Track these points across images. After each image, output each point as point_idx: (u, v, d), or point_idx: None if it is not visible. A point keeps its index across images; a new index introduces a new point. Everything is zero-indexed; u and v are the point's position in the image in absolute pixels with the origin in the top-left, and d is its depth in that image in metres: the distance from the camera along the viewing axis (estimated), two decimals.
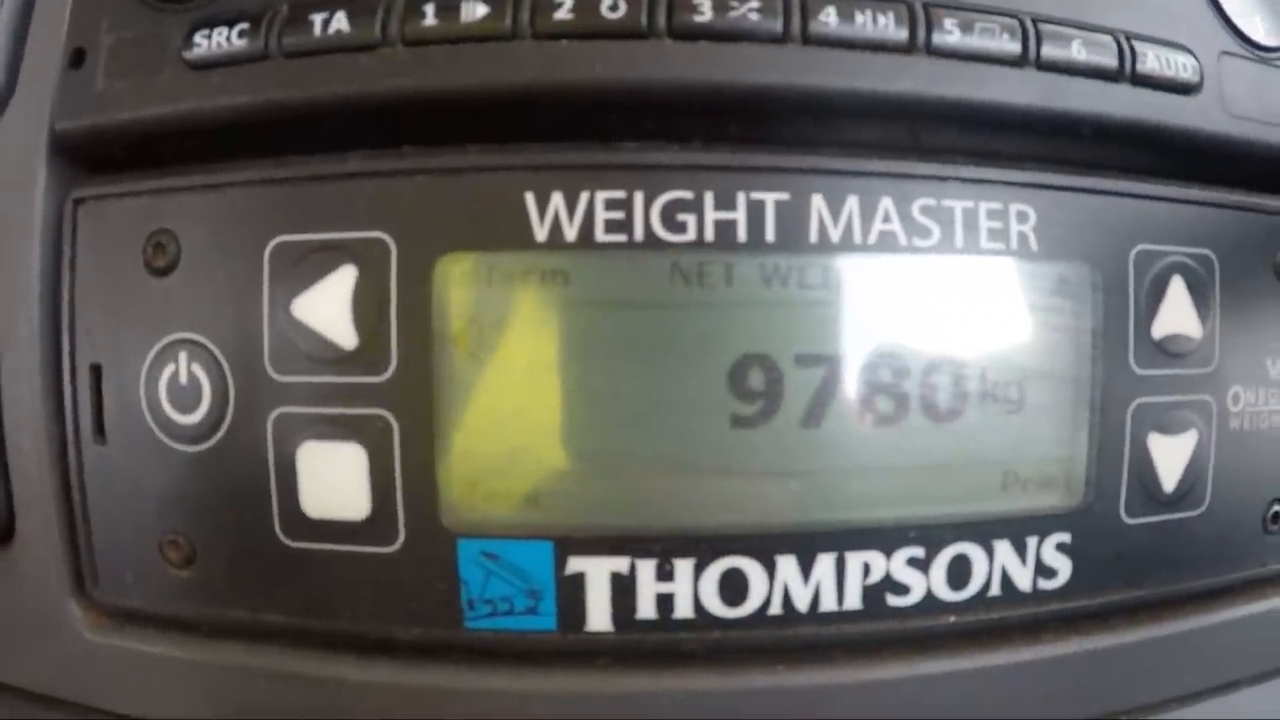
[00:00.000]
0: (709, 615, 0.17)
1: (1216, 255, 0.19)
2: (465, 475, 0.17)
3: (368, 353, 0.17)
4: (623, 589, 0.17)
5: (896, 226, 0.17)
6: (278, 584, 0.18)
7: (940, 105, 0.17)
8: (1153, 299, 0.19)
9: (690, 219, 0.17)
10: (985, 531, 0.18)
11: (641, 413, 0.17)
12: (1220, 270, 0.19)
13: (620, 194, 0.17)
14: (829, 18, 0.17)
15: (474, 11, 0.17)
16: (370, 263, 0.17)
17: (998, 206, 0.17)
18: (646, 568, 0.17)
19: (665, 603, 0.17)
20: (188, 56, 0.18)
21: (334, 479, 0.17)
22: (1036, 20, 0.17)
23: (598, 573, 0.17)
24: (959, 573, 0.18)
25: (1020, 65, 0.17)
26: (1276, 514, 0.20)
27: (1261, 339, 0.20)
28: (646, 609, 0.17)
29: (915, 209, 0.17)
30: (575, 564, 0.17)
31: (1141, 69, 0.18)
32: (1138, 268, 0.18)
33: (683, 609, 0.17)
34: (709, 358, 0.17)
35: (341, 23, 0.17)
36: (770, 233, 0.17)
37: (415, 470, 0.17)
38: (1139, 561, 0.19)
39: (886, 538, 0.17)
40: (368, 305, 0.17)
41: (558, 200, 0.17)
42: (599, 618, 0.17)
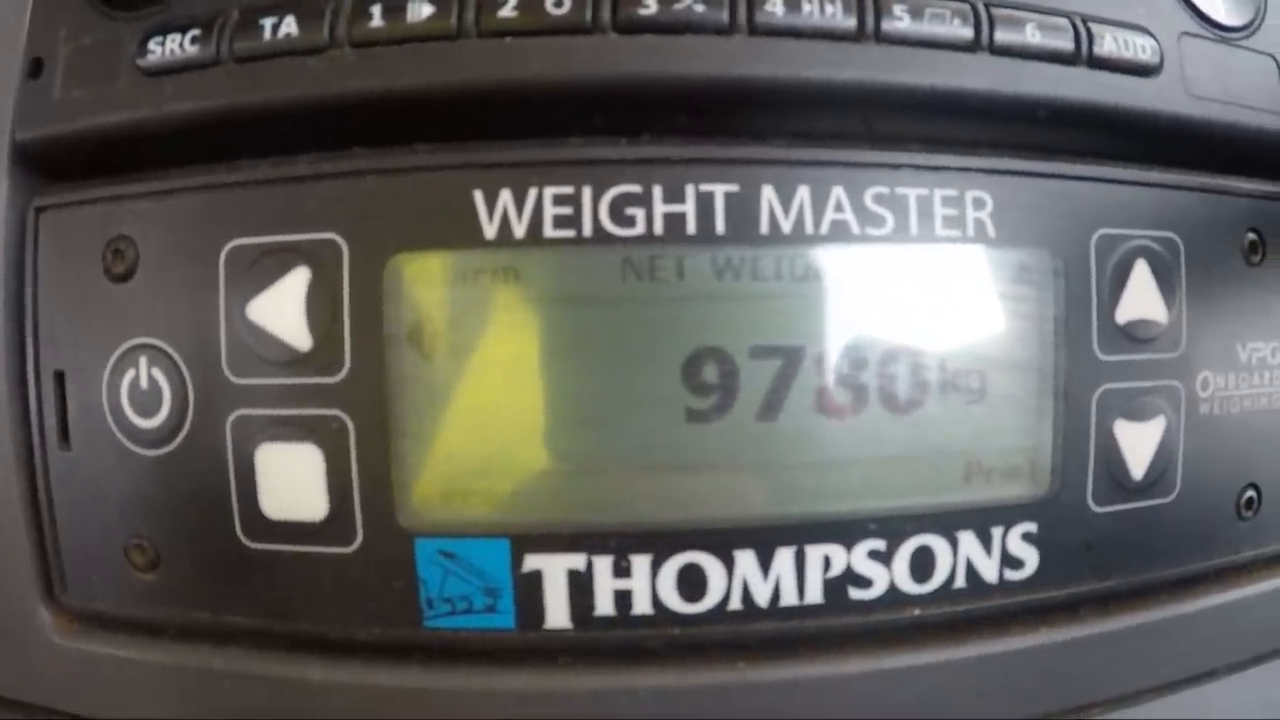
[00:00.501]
0: (668, 611, 0.17)
1: (1181, 238, 0.19)
2: (421, 474, 0.17)
3: (322, 354, 0.17)
4: (580, 586, 0.17)
5: (849, 216, 0.17)
6: (240, 586, 0.17)
7: (891, 93, 0.17)
8: (1116, 284, 0.18)
9: (639, 213, 0.16)
10: (948, 523, 0.17)
11: (596, 409, 0.17)
12: (1186, 254, 0.19)
13: (568, 189, 0.16)
14: (775, 7, 0.16)
15: (419, 12, 0.16)
16: (323, 264, 0.17)
17: (953, 193, 0.17)
18: (603, 564, 0.17)
19: (623, 599, 0.17)
20: (142, 64, 0.17)
21: (292, 480, 0.17)
22: (989, 4, 0.17)
23: (554, 570, 0.17)
24: (922, 565, 0.17)
25: (973, 50, 0.17)
26: (1250, 500, 0.20)
27: (1231, 323, 0.19)
28: (605, 606, 0.17)
29: (868, 198, 0.17)
30: (532, 561, 0.17)
31: (1099, 51, 0.18)
32: (1100, 252, 0.18)
33: (641, 605, 0.17)
34: (662, 352, 0.16)
35: (290, 26, 0.17)
36: (720, 225, 0.16)
37: (371, 470, 0.17)
38: (1108, 551, 0.18)
39: (847, 530, 0.17)
40: (321, 307, 0.17)
41: (506, 197, 0.16)
42: (557, 615, 0.17)
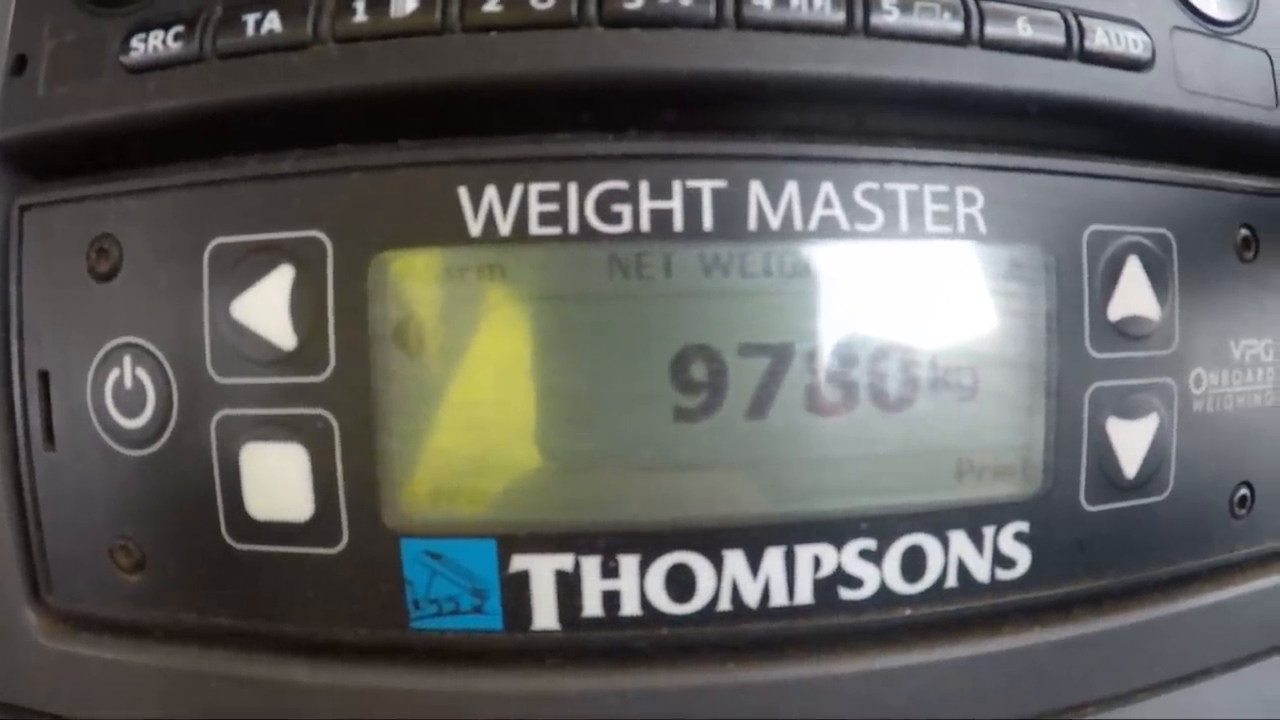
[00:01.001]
0: (657, 612, 0.16)
1: (1174, 234, 0.18)
2: (406, 474, 0.16)
3: (307, 353, 0.16)
4: (568, 587, 0.16)
5: (838, 212, 0.16)
6: (226, 587, 0.17)
7: (880, 87, 0.16)
8: (1108, 280, 0.18)
9: (625, 209, 0.16)
10: (940, 522, 0.17)
11: (583, 407, 0.16)
12: (1178, 250, 0.18)
13: (554, 185, 0.16)
14: (763, 0, 0.16)
15: (404, 6, 0.16)
16: (307, 262, 0.16)
17: (943, 189, 0.17)
18: (591, 565, 0.16)
19: (611, 600, 0.16)
20: (125, 60, 0.17)
21: (277, 480, 0.17)
22: None
23: (542, 571, 0.16)
24: (913, 565, 0.17)
25: (963, 44, 0.16)
26: (1243, 498, 0.19)
27: (1224, 320, 0.19)
28: (593, 607, 0.16)
29: (857, 193, 0.16)
30: (519, 562, 0.16)
31: (1090, 46, 0.17)
32: (1091, 249, 0.17)
33: (629, 606, 0.16)
34: (650, 350, 0.16)
35: (274, 22, 0.16)
36: (708, 221, 0.16)
37: (357, 470, 0.16)
38: (1101, 549, 0.18)
39: (837, 530, 0.16)
40: (306, 305, 0.16)
41: (491, 194, 0.16)
42: (545, 616, 0.16)
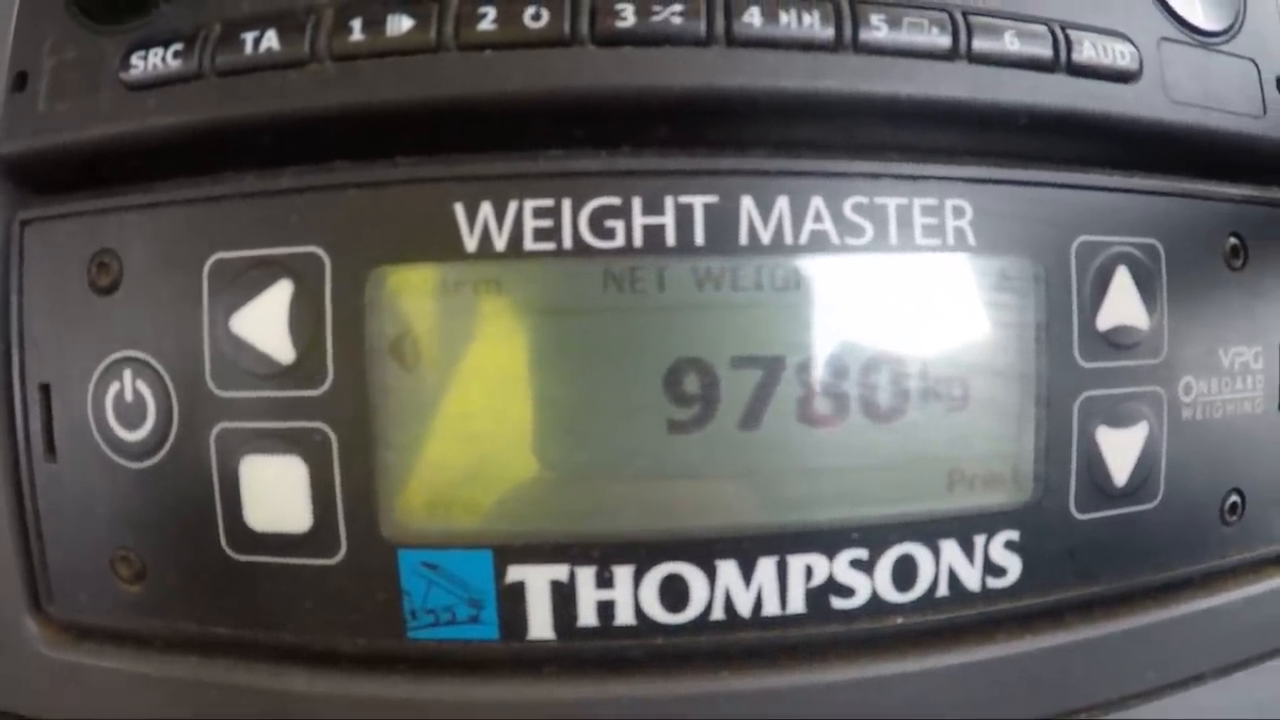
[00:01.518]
0: (651, 622, 0.16)
1: (1162, 244, 0.18)
2: (403, 486, 0.16)
3: (305, 366, 0.16)
4: (563, 597, 0.16)
5: (828, 226, 0.16)
6: (225, 597, 0.17)
7: (869, 102, 0.16)
8: (1097, 291, 0.18)
9: (618, 225, 0.16)
10: (931, 531, 0.17)
11: (577, 420, 0.16)
12: (1167, 259, 0.18)
13: (548, 202, 0.16)
14: (753, 18, 0.16)
15: (399, 25, 0.16)
16: (305, 277, 0.16)
17: (932, 202, 0.17)
18: (586, 575, 0.16)
19: (606, 610, 0.16)
20: (125, 77, 0.17)
21: (276, 492, 0.16)
22: (967, 13, 0.17)
23: (537, 581, 0.16)
24: (905, 574, 0.17)
25: (951, 59, 0.16)
26: (1234, 505, 0.19)
27: (1213, 328, 0.19)
28: (588, 616, 0.16)
29: (847, 207, 0.16)
30: (515, 572, 0.16)
31: (1078, 58, 0.17)
32: (1080, 259, 0.17)
33: (624, 616, 0.16)
34: (644, 363, 0.16)
35: (272, 40, 0.16)
36: (700, 236, 0.16)
37: (354, 482, 0.16)
38: (1092, 557, 0.18)
39: (828, 540, 0.16)
40: (304, 319, 0.16)
41: (486, 210, 0.16)
42: (540, 626, 0.16)
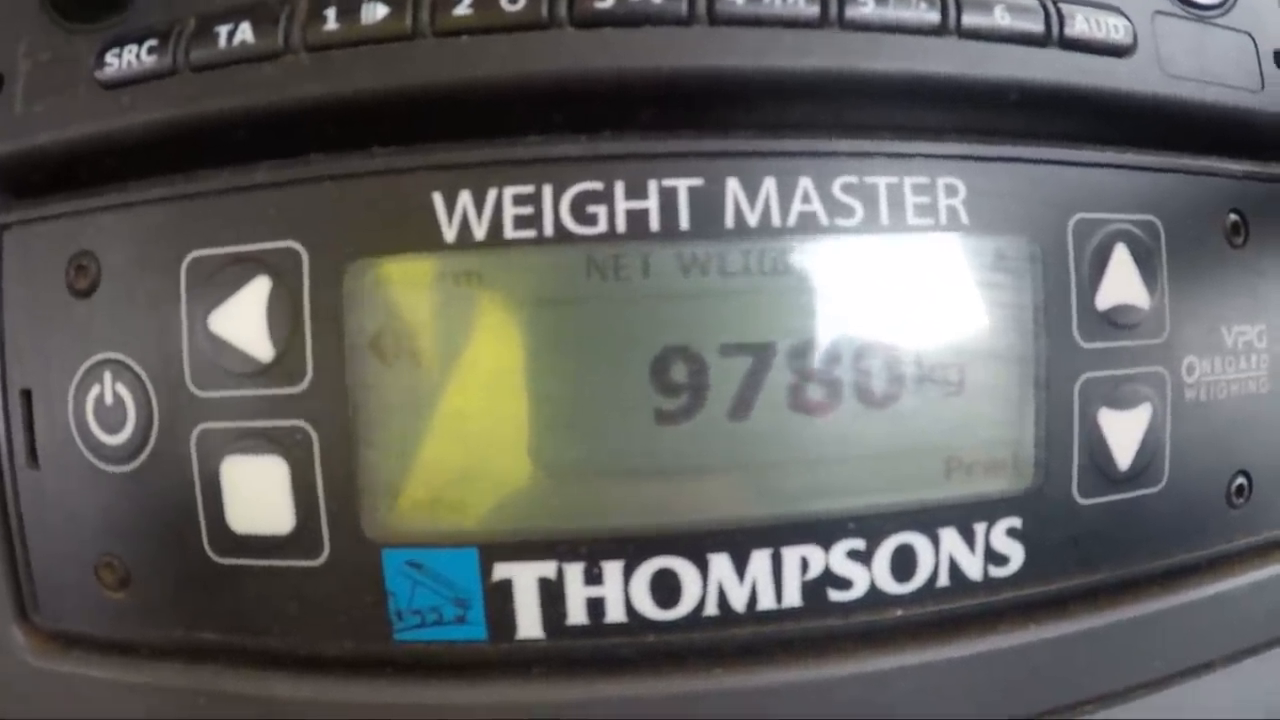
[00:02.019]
0: (642, 618, 0.16)
1: (1162, 221, 0.17)
2: (386, 484, 0.16)
3: (284, 364, 0.16)
4: (551, 594, 0.15)
5: (817, 207, 0.15)
6: (210, 602, 0.16)
7: (857, 80, 0.16)
8: (1095, 269, 0.17)
9: (601, 210, 0.15)
10: (929, 520, 0.16)
11: (563, 412, 0.15)
12: (1166, 236, 0.17)
13: (528, 189, 0.15)
14: None
15: (374, 13, 0.15)
16: (283, 273, 0.16)
17: (924, 181, 0.16)
18: (574, 572, 0.15)
19: (596, 607, 0.16)
20: (100, 76, 0.16)
21: (257, 493, 0.16)
22: None
23: (525, 578, 0.15)
24: (903, 564, 0.16)
25: (940, 34, 0.16)
26: (1240, 487, 0.18)
27: (1215, 306, 0.18)
28: (577, 614, 0.16)
29: (836, 188, 0.16)
30: (501, 570, 0.15)
31: (1070, 32, 0.16)
32: (1077, 237, 0.17)
33: (614, 613, 0.16)
34: (630, 352, 0.15)
35: (246, 33, 0.16)
36: (685, 220, 0.15)
37: (336, 481, 0.16)
38: (1095, 543, 0.17)
39: (824, 531, 0.16)
40: (282, 316, 0.16)
41: (465, 199, 0.15)
42: (529, 625, 0.16)
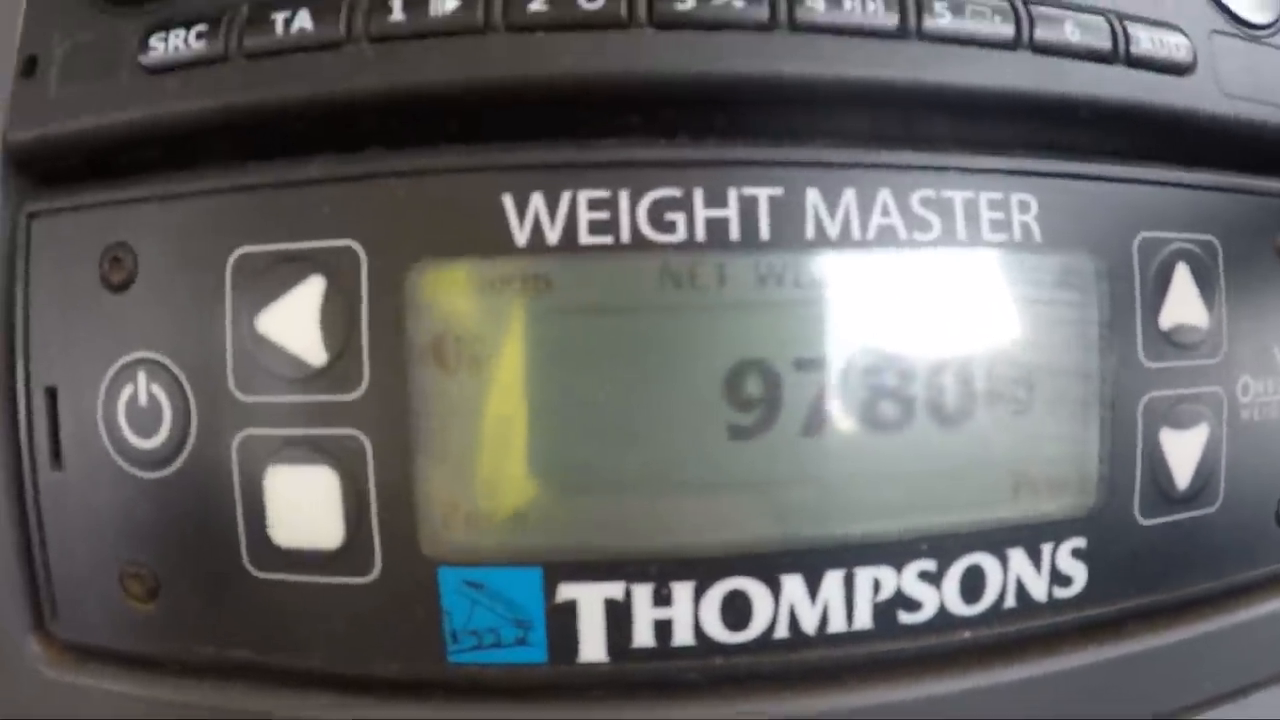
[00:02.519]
0: (710, 641, 0.15)
1: (1219, 240, 0.17)
2: (445, 498, 0.15)
3: (338, 369, 0.15)
4: (617, 616, 0.15)
5: (896, 220, 0.15)
6: (246, 618, 0.15)
7: (933, 91, 0.15)
8: (1158, 288, 0.17)
9: (679, 218, 0.14)
10: (998, 540, 0.16)
11: (632, 426, 0.15)
12: (1224, 256, 0.17)
13: (604, 193, 0.14)
14: (817, 3, 0.15)
15: (444, 5, 0.15)
16: (339, 273, 0.15)
17: (998, 196, 0.15)
18: (643, 593, 0.15)
19: (663, 629, 0.15)
20: (144, 61, 0.15)
21: (304, 505, 0.15)
22: (1028, 2, 0.16)
23: (590, 600, 0.15)
24: (973, 585, 0.16)
25: (1014, 48, 0.15)
26: None
27: (1268, 325, 0.18)
28: (643, 637, 0.15)
29: (915, 201, 0.15)
30: (566, 591, 0.15)
31: (1135, 50, 0.16)
32: (1142, 256, 0.16)
33: (682, 636, 0.15)
34: (703, 365, 0.15)
35: (305, 21, 0.15)
36: (765, 230, 0.15)
37: (391, 494, 0.15)
38: (1155, 564, 0.17)
39: (897, 551, 0.15)
40: (337, 319, 0.15)
41: (538, 201, 0.14)
42: (592, 648, 0.15)
